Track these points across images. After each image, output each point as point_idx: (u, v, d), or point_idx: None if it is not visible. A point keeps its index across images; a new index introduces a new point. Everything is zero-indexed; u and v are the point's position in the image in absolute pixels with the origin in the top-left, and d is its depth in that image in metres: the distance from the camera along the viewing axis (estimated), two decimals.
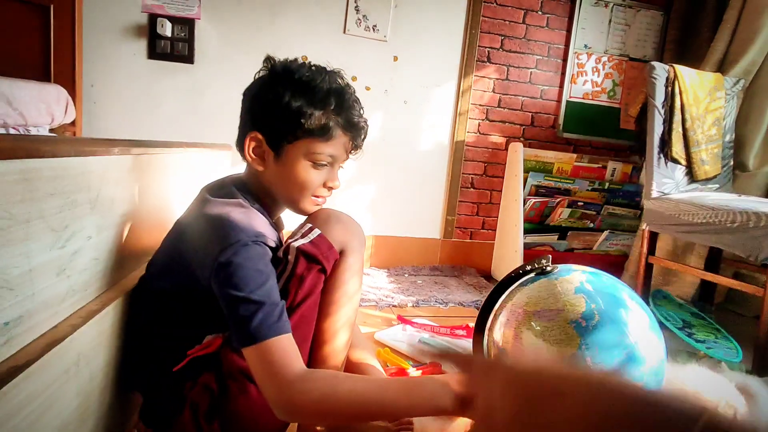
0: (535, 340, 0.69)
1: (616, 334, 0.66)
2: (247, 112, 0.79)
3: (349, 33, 2.04)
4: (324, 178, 0.79)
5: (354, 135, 0.79)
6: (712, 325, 1.56)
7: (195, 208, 0.76)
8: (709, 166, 1.85)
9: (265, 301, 0.63)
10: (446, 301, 1.79)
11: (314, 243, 0.75)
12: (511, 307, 0.76)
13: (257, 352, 0.62)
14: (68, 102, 1.67)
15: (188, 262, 0.70)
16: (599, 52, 2.29)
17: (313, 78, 0.75)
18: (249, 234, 0.67)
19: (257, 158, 0.77)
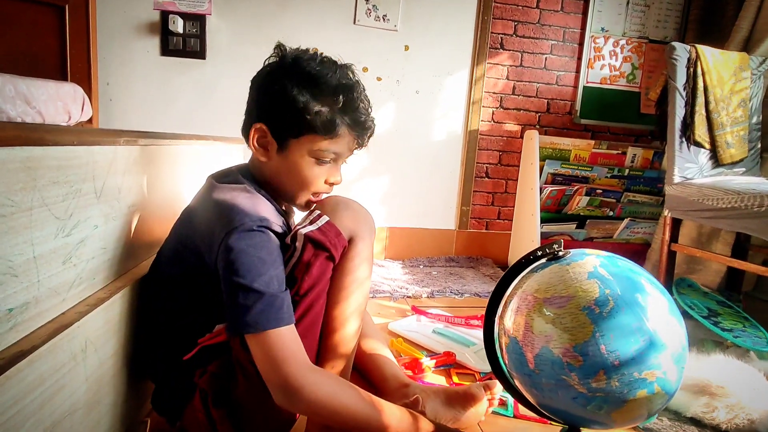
0: (546, 327, 0.67)
1: (633, 320, 0.63)
2: (254, 101, 0.78)
3: (359, 23, 2.02)
4: (326, 174, 0.78)
5: (360, 134, 0.78)
6: (739, 313, 1.50)
7: (202, 195, 0.77)
8: (734, 150, 1.77)
9: (265, 291, 0.63)
10: (462, 292, 1.77)
11: (322, 230, 0.73)
12: (522, 294, 0.73)
13: (258, 342, 0.63)
14: (84, 100, 1.70)
15: (196, 247, 0.70)
16: (617, 34, 2.22)
17: (322, 72, 0.73)
18: (253, 218, 0.67)
19: (261, 149, 0.77)
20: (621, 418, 0.65)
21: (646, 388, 0.63)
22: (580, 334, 0.64)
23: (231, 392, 0.71)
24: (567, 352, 0.64)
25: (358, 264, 0.78)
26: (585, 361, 0.63)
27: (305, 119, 0.72)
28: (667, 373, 0.64)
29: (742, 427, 0.95)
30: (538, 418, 0.96)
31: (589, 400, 0.65)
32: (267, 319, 0.62)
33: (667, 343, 0.64)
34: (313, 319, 0.73)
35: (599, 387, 0.63)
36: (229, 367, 0.72)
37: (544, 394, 0.70)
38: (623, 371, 0.62)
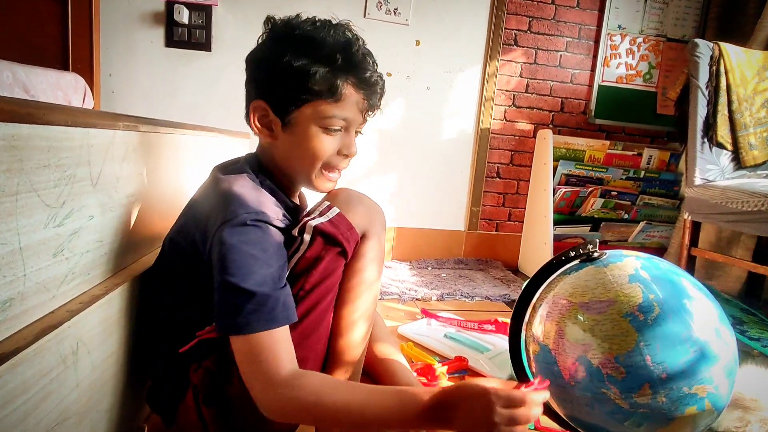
0: (583, 335, 0.60)
1: (681, 328, 0.57)
2: (250, 80, 0.72)
3: (369, 17, 1.96)
4: (338, 144, 0.71)
5: (368, 93, 0.70)
6: (764, 321, 1.44)
7: (204, 185, 0.72)
8: (758, 151, 1.71)
9: (256, 291, 0.58)
10: (472, 295, 1.71)
11: (333, 222, 0.68)
12: (553, 298, 0.67)
13: (243, 344, 0.58)
14: (86, 90, 1.66)
15: (192, 237, 0.66)
16: (634, 32, 2.15)
17: (316, 32, 0.67)
18: (249, 211, 0.61)
19: (264, 129, 0.71)
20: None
21: (696, 404, 0.57)
22: (622, 344, 0.58)
23: (225, 391, 0.66)
24: (608, 363, 0.58)
25: (368, 263, 0.73)
26: (628, 373, 0.57)
27: (304, 84, 0.66)
28: (719, 388, 0.58)
29: None
30: (559, 430, 0.90)
31: (628, 415, 0.59)
32: (257, 320, 0.57)
33: (719, 354, 0.58)
34: (319, 316, 0.68)
35: (643, 402, 0.57)
36: (226, 364, 0.66)
37: (577, 407, 0.64)
38: (671, 386, 0.56)
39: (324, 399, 0.58)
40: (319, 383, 0.60)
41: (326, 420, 0.61)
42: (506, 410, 0.55)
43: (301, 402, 0.57)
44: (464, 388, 0.59)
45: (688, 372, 0.56)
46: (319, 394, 0.58)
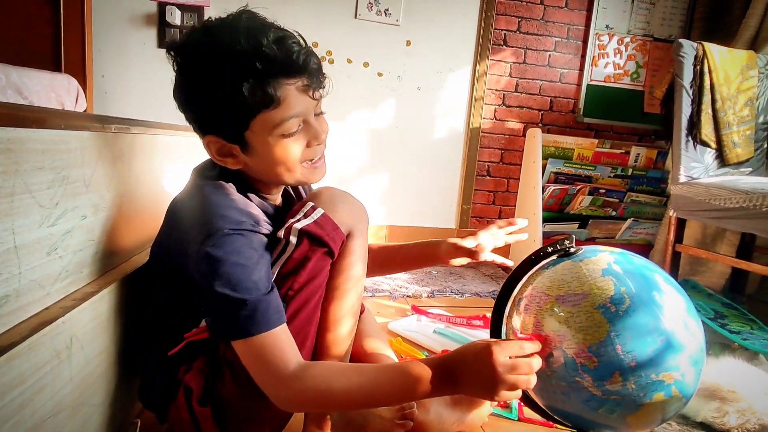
0: (559, 326, 0.63)
1: (650, 319, 0.60)
2: (188, 120, 0.69)
3: (360, 18, 1.98)
4: (304, 140, 0.68)
5: (304, 77, 0.64)
6: (745, 315, 1.47)
7: (185, 190, 0.72)
8: (741, 149, 1.75)
9: (247, 298, 0.59)
10: (462, 292, 1.74)
11: (318, 223, 0.69)
12: (532, 291, 0.70)
13: (247, 348, 0.60)
14: (79, 92, 1.67)
15: (177, 246, 0.66)
16: (622, 32, 2.19)
17: (219, 45, 0.61)
18: (228, 221, 0.62)
19: (228, 158, 0.68)
20: (636, 423, 0.62)
21: (663, 390, 0.59)
22: (595, 334, 0.60)
23: (217, 390, 0.68)
24: (581, 353, 0.61)
25: (353, 261, 0.74)
26: (600, 362, 0.60)
27: (237, 106, 0.61)
28: (685, 376, 0.61)
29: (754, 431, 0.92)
30: (542, 421, 0.93)
31: (602, 403, 0.62)
32: (252, 325, 0.59)
33: (686, 344, 0.61)
34: (308, 315, 0.70)
35: (614, 389, 0.60)
36: (216, 365, 0.68)
37: (554, 396, 0.66)
38: (640, 373, 0.59)
39: (334, 385, 0.61)
40: (327, 371, 0.63)
41: (339, 404, 0.64)
42: (508, 360, 0.59)
43: (313, 392, 0.60)
44: (466, 347, 0.63)
45: (655, 360, 0.59)
46: (329, 382, 0.61)
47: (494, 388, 0.59)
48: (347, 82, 2.02)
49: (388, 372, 0.64)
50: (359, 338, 0.98)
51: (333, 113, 2.00)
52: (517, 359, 0.60)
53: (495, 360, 0.58)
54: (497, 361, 0.58)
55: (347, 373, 0.63)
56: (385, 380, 0.63)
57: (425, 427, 0.83)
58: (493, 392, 0.59)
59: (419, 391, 0.62)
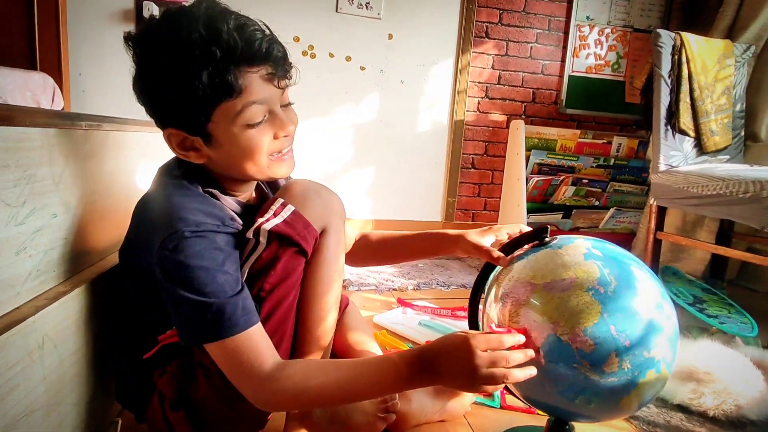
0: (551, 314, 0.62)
1: (633, 300, 0.62)
2: (148, 112, 0.66)
3: (341, 11, 1.97)
4: (270, 131, 0.65)
5: (268, 65, 0.62)
6: (724, 300, 1.50)
7: (148, 191, 0.70)
8: (718, 137, 1.77)
9: (213, 301, 0.58)
10: (448, 284, 1.75)
11: (288, 222, 0.66)
12: (513, 282, 0.69)
13: (220, 351, 0.59)
14: (55, 90, 1.64)
15: (143, 247, 0.65)
16: (602, 23, 2.20)
17: (176, 35, 0.58)
18: (188, 223, 0.59)
19: (191, 152, 0.66)
20: (628, 405, 0.62)
21: (654, 367, 0.60)
22: (588, 317, 0.60)
23: (191, 394, 0.67)
24: (577, 338, 0.60)
25: (331, 257, 0.72)
26: (596, 344, 0.59)
27: (197, 96, 0.59)
28: (666, 355, 0.62)
29: (730, 413, 0.94)
30: (524, 408, 0.94)
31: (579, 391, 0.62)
32: (221, 328, 0.58)
33: (664, 325, 0.62)
34: (282, 315, 0.68)
35: (611, 372, 0.60)
36: (190, 368, 0.67)
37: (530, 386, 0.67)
38: (634, 351, 0.59)
39: (311, 383, 0.60)
40: (304, 369, 0.62)
41: (318, 401, 0.63)
42: (486, 353, 0.58)
43: (291, 391, 0.59)
44: (444, 339, 0.62)
45: (644, 338, 0.60)
46: (306, 380, 0.60)
47: (471, 380, 0.58)
48: (330, 77, 2.01)
49: (365, 366, 0.63)
50: (344, 332, 0.98)
51: (316, 108, 2.00)
52: (495, 353, 0.59)
53: (473, 353, 0.58)
54: (475, 354, 0.58)
55: (325, 370, 0.62)
56: (363, 374, 0.62)
57: (408, 417, 0.83)
58: (470, 385, 0.59)
59: (398, 384, 0.62)
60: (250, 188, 0.77)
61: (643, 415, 0.94)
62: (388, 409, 0.80)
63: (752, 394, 0.95)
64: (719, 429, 0.92)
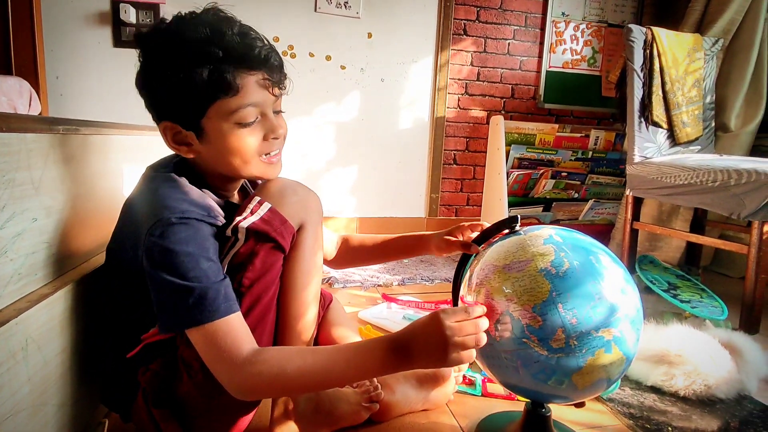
0: (507, 291, 0.68)
1: (588, 280, 0.65)
2: (147, 105, 0.70)
3: (320, 11, 1.98)
4: (260, 132, 0.69)
5: (264, 68, 0.67)
6: (697, 285, 1.56)
7: (135, 188, 0.72)
8: (690, 128, 1.83)
9: (195, 285, 0.59)
10: (432, 278, 1.78)
11: (265, 219, 0.68)
12: (482, 266, 0.74)
13: (200, 336, 0.60)
14: (32, 94, 1.62)
15: (129, 242, 0.67)
16: (577, 19, 2.25)
17: (182, 33, 0.63)
18: (174, 210, 0.62)
19: (183, 146, 0.69)
20: (582, 382, 0.65)
21: (604, 346, 0.64)
22: (538, 295, 0.64)
23: (175, 390, 0.68)
24: (526, 314, 0.65)
25: (309, 252, 0.73)
26: (544, 321, 0.64)
27: (195, 92, 0.63)
28: (624, 333, 0.65)
29: (700, 392, 0.98)
30: (505, 395, 0.97)
31: (550, 373, 0.66)
32: (203, 312, 0.59)
33: (621, 305, 0.66)
34: (262, 311, 0.69)
35: (558, 347, 0.64)
36: (174, 366, 0.68)
37: (506, 371, 0.70)
38: (581, 329, 0.63)
39: (287, 368, 0.61)
40: (279, 354, 0.63)
41: (294, 387, 0.64)
42: (456, 323, 0.62)
43: (266, 376, 0.60)
44: (417, 321, 0.65)
45: (594, 317, 0.63)
46: (282, 365, 0.61)
47: (445, 352, 0.61)
48: (310, 76, 2.02)
49: (341, 351, 0.65)
50: (327, 328, 1.00)
51: (298, 108, 2.01)
52: (464, 321, 0.62)
53: (442, 324, 0.61)
54: (445, 326, 0.61)
55: (302, 355, 0.63)
56: (339, 359, 0.63)
57: (391, 407, 0.86)
58: (445, 356, 0.61)
59: (375, 368, 0.63)
60: (235, 188, 0.79)
61: (617, 397, 0.98)
62: (372, 398, 0.83)
63: (721, 375, 1.00)
64: (690, 408, 0.96)
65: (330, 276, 1.72)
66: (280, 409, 0.75)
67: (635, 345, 0.68)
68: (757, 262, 1.33)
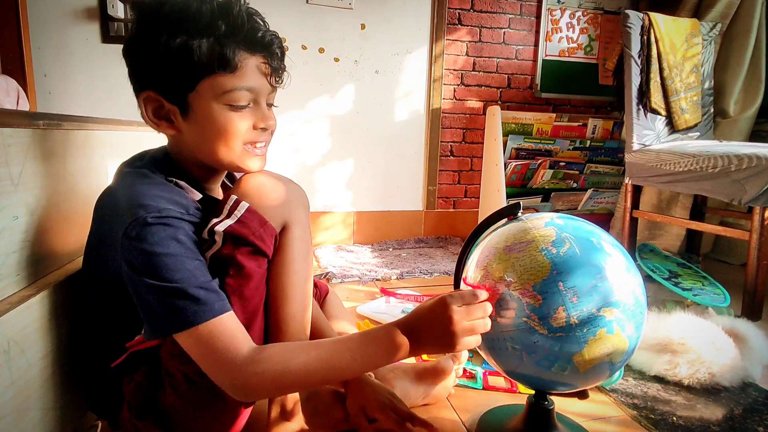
0: (505, 272, 0.67)
1: (588, 259, 0.64)
2: (132, 73, 0.65)
3: (312, 2, 1.95)
4: (250, 119, 0.65)
5: (265, 54, 0.64)
6: (698, 273, 1.54)
7: (110, 184, 0.68)
8: (689, 115, 1.81)
9: (183, 287, 0.56)
10: (431, 272, 1.76)
11: (242, 221, 0.62)
12: (483, 249, 0.73)
13: (192, 340, 0.56)
14: (19, 93, 1.59)
15: (105, 241, 0.63)
16: (573, 6, 2.22)
17: (187, 3, 0.60)
18: (149, 210, 0.57)
19: (163, 121, 0.65)
20: (583, 365, 0.63)
21: (606, 326, 0.62)
22: (538, 274, 0.63)
23: (160, 401, 0.64)
24: (526, 292, 0.64)
25: (297, 253, 0.68)
26: (544, 299, 0.62)
27: (191, 62, 0.59)
28: (626, 314, 0.64)
29: (704, 380, 0.97)
30: (506, 388, 0.96)
31: (553, 360, 0.64)
32: (194, 314, 0.56)
33: (623, 286, 0.64)
34: (247, 319, 0.64)
35: (558, 326, 0.62)
36: (157, 376, 0.65)
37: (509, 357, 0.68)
38: (581, 307, 0.62)
39: (291, 363, 0.58)
40: (282, 350, 0.59)
41: (300, 383, 0.61)
42: (463, 308, 0.60)
43: (270, 374, 0.57)
44: (422, 305, 0.63)
45: (595, 295, 0.62)
46: (285, 360, 0.58)
47: (453, 337, 0.59)
48: (304, 69, 1.99)
49: (346, 342, 0.62)
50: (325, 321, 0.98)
51: (292, 102, 1.98)
52: (472, 306, 0.61)
53: (450, 309, 0.59)
54: (453, 310, 0.59)
55: (305, 349, 0.60)
56: (344, 350, 0.60)
57: None
58: (452, 341, 0.59)
59: (380, 356, 0.61)
60: (217, 180, 0.75)
61: (621, 388, 0.97)
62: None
63: (724, 362, 0.98)
64: (694, 397, 0.95)
65: (328, 271, 1.70)
66: (276, 410, 0.73)
67: (638, 329, 0.66)
68: (758, 248, 1.32)
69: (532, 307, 0.63)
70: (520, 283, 0.64)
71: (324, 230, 2.12)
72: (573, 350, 0.63)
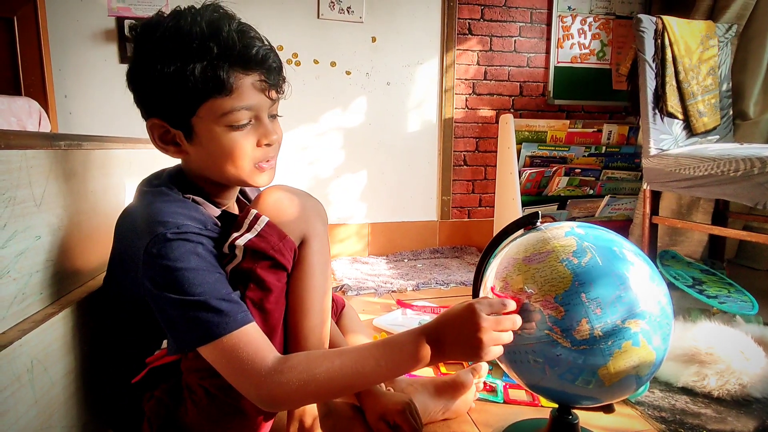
0: (526, 283, 0.65)
1: (611, 269, 0.62)
2: (136, 100, 0.67)
3: (323, 17, 1.97)
4: (254, 137, 0.66)
5: (261, 72, 0.64)
6: (723, 280, 1.50)
7: (129, 204, 0.69)
8: (707, 118, 1.78)
9: (206, 299, 0.56)
10: (447, 282, 1.74)
11: (262, 235, 0.63)
12: (501, 260, 0.72)
13: (217, 351, 0.57)
14: (41, 114, 1.63)
15: (126, 259, 0.64)
16: (584, 12, 2.21)
17: (178, 27, 0.60)
18: (168, 227, 0.58)
19: (171, 146, 0.66)
20: (609, 378, 0.62)
21: (631, 339, 0.60)
22: (560, 285, 0.62)
23: (180, 417, 0.65)
24: (548, 304, 0.62)
25: (316, 265, 0.69)
26: (567, 311, 0.61)
27: (186, 88, 0.60)
28: (652, 325, 0.62)
29: (734, 392, 0.94)
30: (528, 402, 0.94)
31: (578, 373, 0.63)
32: (218, 326, 0.56)
33: (648, 297, 0.63)
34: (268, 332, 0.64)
35: (582, 339, 0.60)
36: (177, 392, 0.65)
37: (532, 371, 0.67)
38: (605, 318, 0.60)
39: (316, 372, 0.58)
40: (306, 359, 0.60)
41: (325, 392, 0.61)
42: (492, 316, 0.59)
43: (297, 383, 0.57)
44: (448, 311, 0.62)
45: (619, 306, 0.60)
46: (310, 369, 0.58)
47: (480, 344, 0.58)
48: (316, 83, 2.01)
49: (370, 349, 0.61)
50: (342, 336, 0.98)
51: (304, 115, 2.00)
52: (502, 316, 0.60)
53: (479, 316, 0.58)
54: (482, 317, 0.58)
55: (328, 357, 0.60)
56: (368, 357, 0.60)
57: None
58: (479, 349, 0.58)
59: (405, 363, 0.60)
60: (232, 195, 0.76)
61: (647, 401, 0.94)
62: None
63: (755, 372, 0.95)
64: (724, 409, 0.91)
65: (343, 284, 1.70)
66: (294, 427, 0.72)
67: (665, 340, 0.64)
68: None
69: (555, 319, 0.62)
70: (542, 294, 0.63)
71: (339, 242, 2.13)
72: (598, 363, 0.61)
